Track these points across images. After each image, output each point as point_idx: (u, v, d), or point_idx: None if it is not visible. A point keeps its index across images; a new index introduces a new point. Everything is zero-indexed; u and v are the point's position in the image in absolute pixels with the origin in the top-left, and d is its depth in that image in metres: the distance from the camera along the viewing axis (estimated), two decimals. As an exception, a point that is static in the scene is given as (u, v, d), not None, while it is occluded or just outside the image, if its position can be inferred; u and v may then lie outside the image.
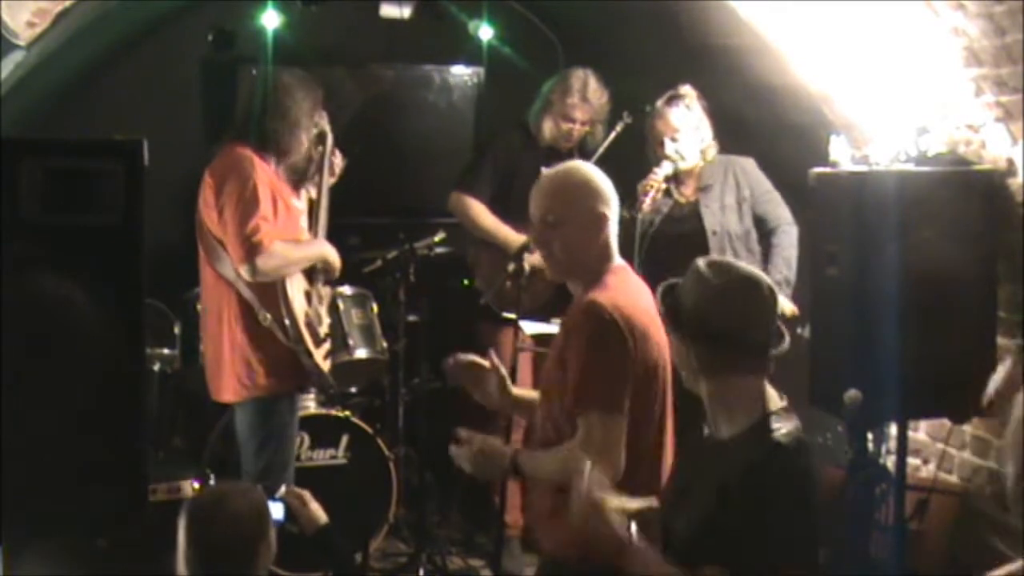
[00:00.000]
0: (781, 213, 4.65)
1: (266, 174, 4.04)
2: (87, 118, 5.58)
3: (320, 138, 4.32)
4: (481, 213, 5.06)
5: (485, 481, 4.85)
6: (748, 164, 4.71)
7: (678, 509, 2.50)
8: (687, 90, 4.63)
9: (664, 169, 4.55)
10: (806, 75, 4.57)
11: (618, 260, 2.98)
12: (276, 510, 2.99)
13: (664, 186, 4.57)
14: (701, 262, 2.50)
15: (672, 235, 4.55)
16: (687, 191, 4.68)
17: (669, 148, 4.58)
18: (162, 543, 2.81)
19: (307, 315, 4.14)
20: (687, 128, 4.59)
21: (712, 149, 4.66)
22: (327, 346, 4.30)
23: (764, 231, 4.65)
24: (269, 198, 3.99)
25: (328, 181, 4.42)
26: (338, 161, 4.49)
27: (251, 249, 3.91)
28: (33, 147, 2.59)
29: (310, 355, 4.10)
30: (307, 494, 3.10)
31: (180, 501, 4.03)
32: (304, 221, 4.31)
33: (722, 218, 4.61)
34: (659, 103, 4.63)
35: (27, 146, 2.58)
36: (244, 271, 3.94)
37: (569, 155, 5.18)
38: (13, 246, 2.47)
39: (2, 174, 2.46)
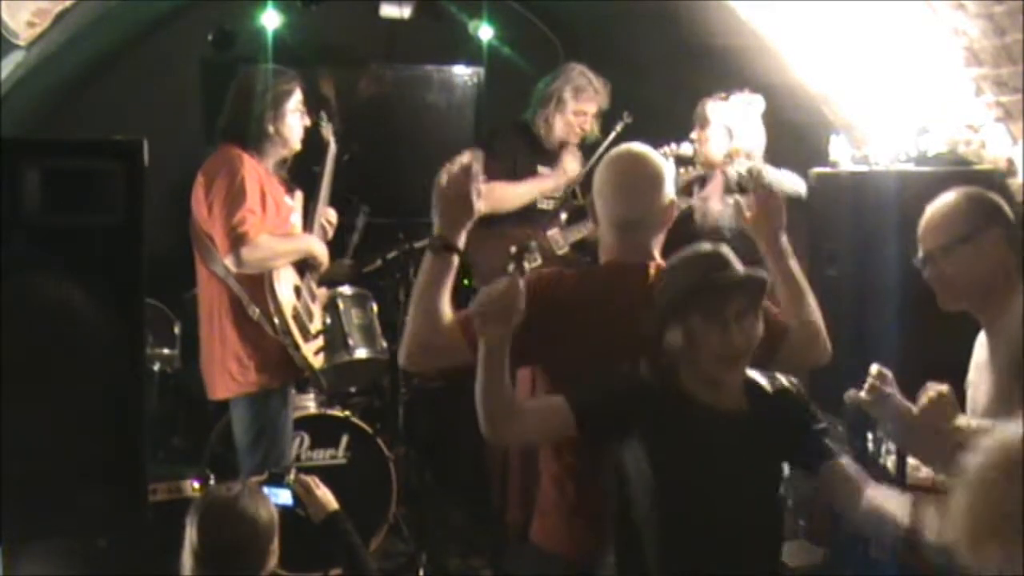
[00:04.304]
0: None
1: (256, 171, 4.10)
2: (87, 118, 5.58)
3: (323, 147, 4.37)
4: (509, 186, 4.93)
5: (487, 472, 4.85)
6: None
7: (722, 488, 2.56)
8: (747, 95, 4.41)
9: (680, 147, 4.44)
10: (806, 75, 4.57)
11: (613, 256, 2.94)
12: (284, 496, 3.00)
13: (669, 156, 4.31)
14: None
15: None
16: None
17: (694, 136, 4.43)
18: (162, 543, 2.81)
19: (295, 309, 4.19)
20: (717, 122, 4.41)
21: (743, 162, 4.36)
22: (318, 342, 4.34)
23: None
24: (257, 193, 4.05)
25: (328, 189, 4.46)
26: (332, 219, 4.55)
27: (237, 239, 3.96)
28: (33, 147, 2.58)
29: (297, 348, 4.14)
30: (315, 480, 3.10)
31: (180, 501, 4.03)
32: (296, 218, 4.34)
33: (718, 215, 4.36)
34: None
35: (27, 146, 2.57)
36: (229, 261, 4.00)
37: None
38: (13, 246, 2.47)
39: (2, 174, 2.46)
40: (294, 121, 4.21)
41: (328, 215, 4.55)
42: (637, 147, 2.98)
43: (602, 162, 2.97)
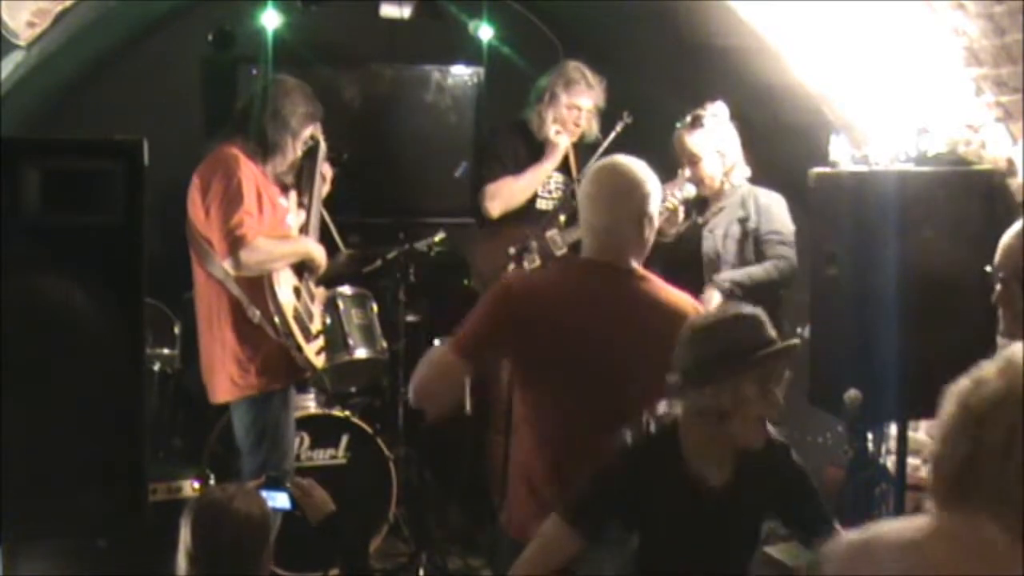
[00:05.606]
0: (779, 252, 4.42)
1: (252, 172, 4.10)
2: (87, 118, 5.58)
3: (312, 149, 4.36)
4: (515, 181, 5.06)
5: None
6: (771, 199, 4.51)
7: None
8: (712, 109, 4.53)
9: (683, 192, 4.49)
10: (805, 75, 4.57)
11: (588, 254, 3.09)
12: (282, 499, 3.00)
13: (679, 206, 4.49)
14: None
15: (668, 257, 4.33)
16: (708, 214, 4.60)
17: (688, 173, 4.52)
18: (162, 543, 2.81)
19: (295, 310, 4.18)
20: (708, 152, 4.52)
21: (739, 172, 4.55)
22: (319, 342, 4.33)
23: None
24: (254, 194, 4.05)
25: (320, 189, 4.46)
26: (328, 172, 4.54)
27: (235, 242, 3.96)
28: (33, 147, 2.59)
29: (300, 349, 4.14)
30: (311, 482, 3.10)
31: (180, 501, 4.03)
32: (292, 219, 4.34)
33: (721, 245, 4.49)
34: (679, 125, 4.55)
35: (27, 146, 2.57)
36: (228, 264, 4.00)
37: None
38: (13, 246, 2.47)
39: (2, 174, 2.46)
40: (297, 142, 4.25)
41: (324, 168, 4.53)
42: (621, 160, 3.11)
43: (588, 170, 3.17)
